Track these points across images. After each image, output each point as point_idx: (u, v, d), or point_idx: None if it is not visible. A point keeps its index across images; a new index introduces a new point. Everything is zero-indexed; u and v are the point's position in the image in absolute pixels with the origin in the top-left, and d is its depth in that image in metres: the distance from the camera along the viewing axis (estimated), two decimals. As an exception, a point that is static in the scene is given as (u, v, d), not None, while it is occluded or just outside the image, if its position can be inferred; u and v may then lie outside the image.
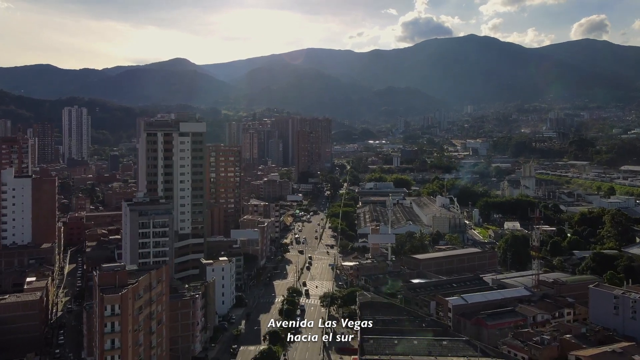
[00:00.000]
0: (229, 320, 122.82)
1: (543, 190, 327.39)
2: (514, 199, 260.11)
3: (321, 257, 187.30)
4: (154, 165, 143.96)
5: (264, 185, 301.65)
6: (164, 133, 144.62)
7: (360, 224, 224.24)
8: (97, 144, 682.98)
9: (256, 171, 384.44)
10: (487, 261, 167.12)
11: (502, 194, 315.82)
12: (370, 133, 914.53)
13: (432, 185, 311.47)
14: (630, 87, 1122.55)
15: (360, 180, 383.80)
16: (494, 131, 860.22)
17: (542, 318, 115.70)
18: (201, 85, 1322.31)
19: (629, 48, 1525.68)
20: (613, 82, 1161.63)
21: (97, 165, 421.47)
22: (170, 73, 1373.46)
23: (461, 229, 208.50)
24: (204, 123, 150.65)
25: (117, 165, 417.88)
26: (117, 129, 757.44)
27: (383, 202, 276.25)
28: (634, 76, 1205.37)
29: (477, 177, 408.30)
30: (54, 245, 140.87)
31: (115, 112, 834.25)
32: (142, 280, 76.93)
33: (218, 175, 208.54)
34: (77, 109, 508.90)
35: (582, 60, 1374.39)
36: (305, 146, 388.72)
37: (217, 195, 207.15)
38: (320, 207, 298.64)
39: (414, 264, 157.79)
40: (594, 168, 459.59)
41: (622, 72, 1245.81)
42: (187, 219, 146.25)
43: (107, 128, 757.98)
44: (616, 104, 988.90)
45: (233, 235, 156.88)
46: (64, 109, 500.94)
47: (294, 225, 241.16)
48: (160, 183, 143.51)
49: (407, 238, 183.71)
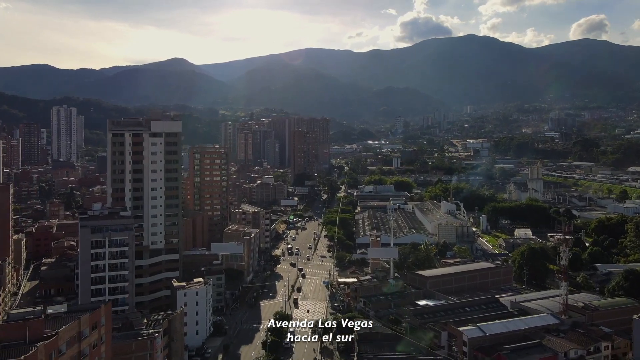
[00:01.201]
0: (202, 354, 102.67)
1: (552, 193, 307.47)
2: (524, 204, 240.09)
3: (315, 270, 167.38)
4: (121, 171, 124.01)
5: (256, 189, 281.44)
6: (133, 133, 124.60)
7: (358, 232, 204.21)
8: (91, 145, 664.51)
9: (250, 173, 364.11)
10: (502, 277, 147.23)
11: (508, 197, 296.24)
12: (369, 133, 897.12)
13: (435, 189, 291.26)
14: (630, 87, 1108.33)
15: (359, 183, 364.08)
16: (495, 131, 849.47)
17: (575, 354, 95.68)
18: (199, 86, 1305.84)
19: (628, 48, 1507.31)
20: (613, 82, 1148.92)
21: (83, 167, 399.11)
22: (168, 73, 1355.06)
23: (469, 238, 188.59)
24: (180, 122, 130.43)
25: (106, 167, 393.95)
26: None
27: (383, 206, 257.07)
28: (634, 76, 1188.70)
29: (481, 179, 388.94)
30: (3, 263, 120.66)
31: (110, 112, 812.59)
32: (66, 330, 56.80)
33: (202, 180, 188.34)
34: (67, 108, 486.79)
35: (582, 60, 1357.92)
36: (302, 147, 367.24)
37: (202, 202, 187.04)
38: (317, 212, 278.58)
39: (420, 282, 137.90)
40: (601, 169, 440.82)
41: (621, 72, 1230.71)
42: (160, 232, 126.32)
43: (102, 128, 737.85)
44: (617, 104, 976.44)
45: (214, 249, 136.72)
46: (52, 109, 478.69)
47: (287, 233, 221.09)
48: (128, 191, 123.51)
49: (410, 250, 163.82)
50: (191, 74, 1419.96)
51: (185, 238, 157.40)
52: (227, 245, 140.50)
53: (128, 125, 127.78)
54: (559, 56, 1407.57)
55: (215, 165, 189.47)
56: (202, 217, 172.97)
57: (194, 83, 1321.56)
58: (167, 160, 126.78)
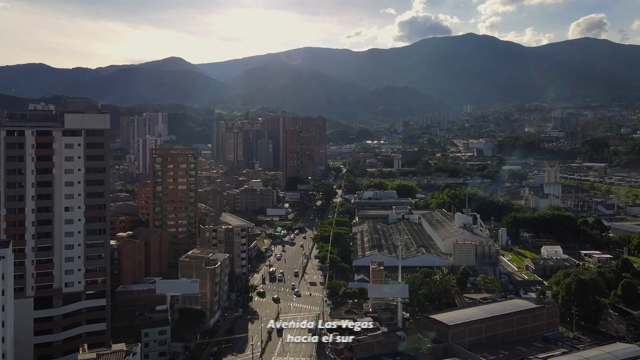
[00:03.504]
0: None
1: (573, 199, 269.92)
2: (548, 214, 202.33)
3: (302, 305, 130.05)
4: (20, 184, 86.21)
5: (240, 196, 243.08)
6: (38, 131, 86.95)
7: (356, 250, 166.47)
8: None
9: (238, 176, 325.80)
10: (545, 321, 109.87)
11: (525, 204, 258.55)
12: (368, 133, 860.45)
13: (443, 195, 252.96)
14: (631, 87, 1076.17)
15: (357, 186, 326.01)
16: (496, 131, 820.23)
17: None
18: (196, 85, 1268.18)
19: (628, 47, 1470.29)
20: (613, 81, 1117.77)
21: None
22: (165, 72, 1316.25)
23: (492, 260, 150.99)
24: (107, 115, 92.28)
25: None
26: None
27: (385, 216, 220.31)
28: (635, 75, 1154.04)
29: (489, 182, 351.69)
30: None
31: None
32: None
33: (165, 189, 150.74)
34: (44, 106, 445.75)
35: (581, 59, 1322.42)
36: (295, 147, 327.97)
37: (164, 216, 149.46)
38: (309, 220, 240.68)
39: (440, 331, 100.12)
40: (616, 171, 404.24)
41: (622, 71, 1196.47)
42: (79, 269, 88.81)
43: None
44: (620, 104, 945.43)
45: (159, 288, 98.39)
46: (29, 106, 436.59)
47: (272, 250, 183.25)
48: (30, 212, 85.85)
49: (422, 280, 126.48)
50: (188, 73, 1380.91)
51: (134, 266, 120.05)
52: (177, 283, 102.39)
53: (33, 119, 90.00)
54: (558, 55, 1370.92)
55: (181, 171, 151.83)
56: (160, 236, 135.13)
57: (190, 82, 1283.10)
58: (88, 168, 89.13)
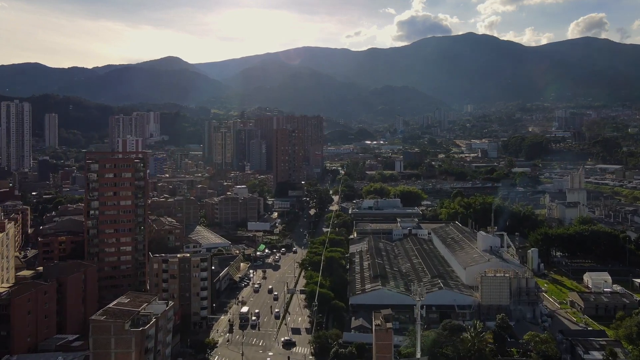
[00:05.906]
0: None
1: (603, 208, 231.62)
2: (586, 230, 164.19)
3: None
4: None
5: (220, 206, 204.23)
6: None
7: (354, 281, 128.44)
8: (66, 145, 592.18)
9: (223, 180, 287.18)
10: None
11: (548, 215, 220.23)
12: (367, 133, 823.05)
13: (454, 204, 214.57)
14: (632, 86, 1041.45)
15: (356, 192, 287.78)
16: (499, 131, 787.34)
17: None
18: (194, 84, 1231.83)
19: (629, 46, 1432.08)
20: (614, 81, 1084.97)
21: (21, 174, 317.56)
22: (162, 72, 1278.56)
23: (531, 297, 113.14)
24: None
25: (48, 173, 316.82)
26: (91, 129, 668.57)
27: (389, 231, 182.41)
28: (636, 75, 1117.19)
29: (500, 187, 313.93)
30: None
31: (92, 111, 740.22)
32: None
33: (103, 206, 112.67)
34: (18, 103, 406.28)
35: (582, 58, 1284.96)
36: (286, 149, 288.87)
37: (100, 242, 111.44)
38: (299, 236, 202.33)
39: None
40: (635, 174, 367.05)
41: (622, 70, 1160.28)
42: None
43: (81, 127, 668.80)
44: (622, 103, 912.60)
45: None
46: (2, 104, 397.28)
47: (250, 279, 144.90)
48: None
49: (446, 337, 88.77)
50: (186, 72, 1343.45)
51: (36, 322, 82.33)
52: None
53: None
54: (559, 55, 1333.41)
55: (125, 182, 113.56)
56: (85, 274, 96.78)
57: (188, 82, 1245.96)
58: None
